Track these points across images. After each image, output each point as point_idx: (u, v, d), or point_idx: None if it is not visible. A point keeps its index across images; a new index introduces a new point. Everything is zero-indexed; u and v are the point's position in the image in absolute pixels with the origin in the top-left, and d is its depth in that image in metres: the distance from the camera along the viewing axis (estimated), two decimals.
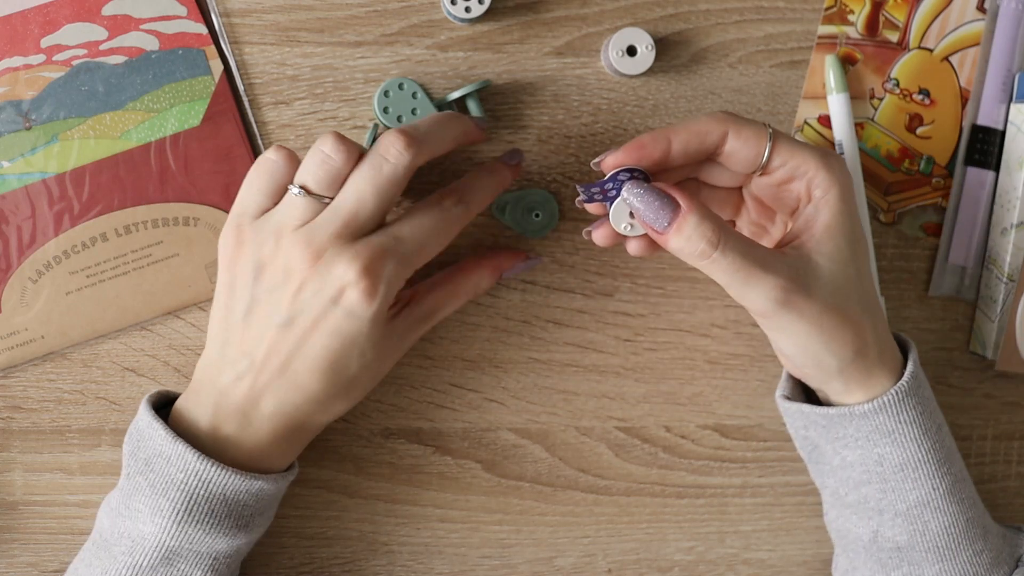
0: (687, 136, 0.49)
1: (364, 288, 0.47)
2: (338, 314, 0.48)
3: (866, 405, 0.52)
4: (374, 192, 0.48)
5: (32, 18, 0.54)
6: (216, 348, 0.50)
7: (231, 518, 0.49)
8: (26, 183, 0.54)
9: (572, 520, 0.61)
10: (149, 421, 0.49)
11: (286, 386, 0.49)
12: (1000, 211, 0.61)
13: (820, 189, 0.50)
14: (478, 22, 0.57)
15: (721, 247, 0.47)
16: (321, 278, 0.48)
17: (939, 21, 0.61)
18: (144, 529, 0.49)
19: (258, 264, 0.49)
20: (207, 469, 0.48)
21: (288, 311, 0.48)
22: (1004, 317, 0.61)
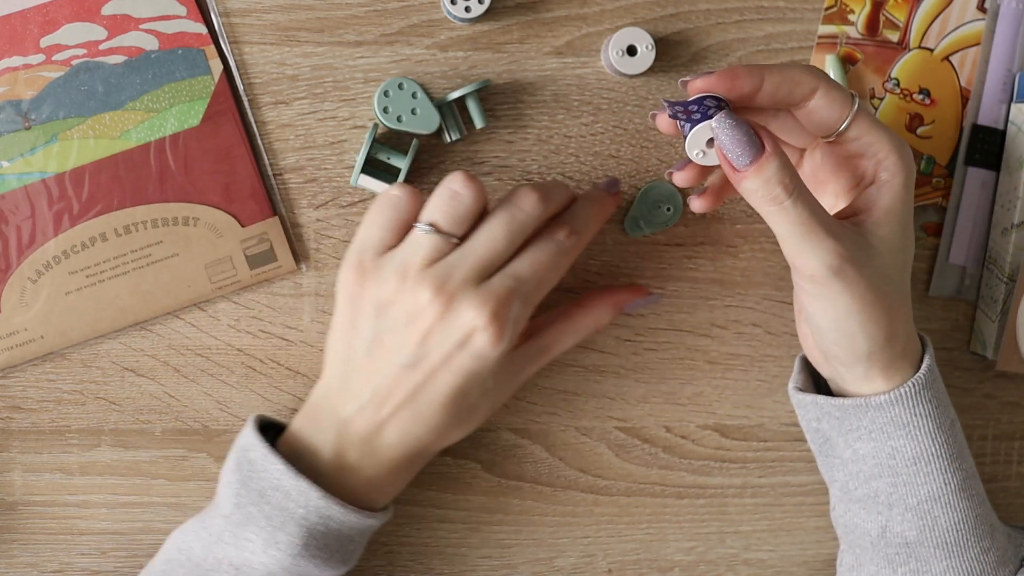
0: (780, 79, 0.48)
1: (492, 332, 0.48)
2: (464, 356, 0.49)
3: (883, 396, 0.52)
4: (507, 238, 0.50)
5: (32, 18, 0.54)
6: (337, 379, 0.51)
7: (340, 552, 0.50)
8: (25, 183, 0.54)
9: (572, 520, 0.61)
10: (264, 452, 0.49)
11: (410, 419, 0.50)
12: (1000, 211, 0.61)
13: (888, 172, 0.50)
14: (478, 22, 0.57)
15: (794, 197, 0.47)
16: (449, 324, 0.48)
17: (939, 21, 0.61)
18: (254, 559, 0.49)
19: (381, 301, 0.49)
20: (329, 507, 0.49)
21: (414, 353, 0.49)
22: (1004, 317, 0.61)
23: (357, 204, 0.57)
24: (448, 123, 0.57)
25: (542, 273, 0.50)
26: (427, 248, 0.49)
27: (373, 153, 0.56)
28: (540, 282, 0.50)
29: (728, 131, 0.47)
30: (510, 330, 0.49)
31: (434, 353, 0.49)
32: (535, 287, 0.50)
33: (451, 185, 0.50)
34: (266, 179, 0.57)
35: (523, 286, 0.49)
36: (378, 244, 0.50)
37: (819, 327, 0.52)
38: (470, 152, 0.58)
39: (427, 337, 0.49)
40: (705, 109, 0.48)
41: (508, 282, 0.49)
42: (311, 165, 0.57)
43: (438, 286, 0.48)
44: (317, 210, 0.57)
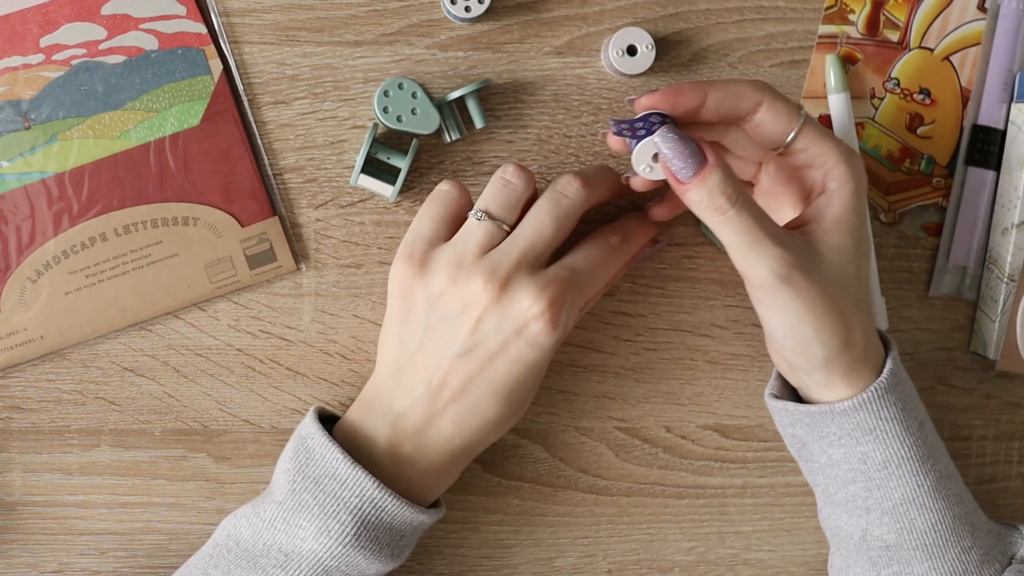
0: (724, 94, 0.49)
1: (549, 319, 0.49)
2: (521, 344, 0.49)
3: (846, 402, 0.52)
4: (553, 223, 0.50)
5: (31, 17, 0.54)
6: (390, 373, 0.51)
7: (390, 546, 0.50)
8: (25, 183, 0.54)
9: (572, 520, 0.61)
10: (323, 441, 0.50)
11: (465, 411, 0.50)
12: (1001, 211, 0.61)
13: (836, 182, 0.51)
14: (478, 22, 0.57)
15: (738, 206, 0.48)
16: (504, 310, 0.49)
17: (940, 21, 0.61)
18: (304, 547, 0.49)
19: (434, 292, 0.50)
20: (384, 497, 0.49)
21: (467, 342, 0.49)
22: (1005, 317, 0.61)
23: (357, 204, 0.57)
24: (448, 123, 0.57)
25: (596, 269, 0.52)
26: (480, 236, 0.50)
27: (373, 153, 0.56)
28: (593, 277, 0.51)
29: (670, 145, 0.48)
30: (564, 319, 0.49)
31: (489, 341, 0.49)
32: (589, 281, 0.51)
33: (502, 174, 0.52)
34: (266, 179, 0.57)
35: (578, 278, 0.50)
36: (430, 235, 0.51)
37: (774, 335, 0.52)
38: (470, 152, 0.58)
39: (480, 324, 0.49)
40: (649, 125, 0.49)
41: (564, 272, 0.50)
42: (311, 165, 0.57)
43: (490, 273, 0.49)
44: (317, 210, 0.57)
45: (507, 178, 0.51)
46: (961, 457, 0.63)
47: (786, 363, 0.54)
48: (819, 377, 0.53)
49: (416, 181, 0.58)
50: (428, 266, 0.50)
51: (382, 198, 0.57)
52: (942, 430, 0.63)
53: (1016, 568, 0.54)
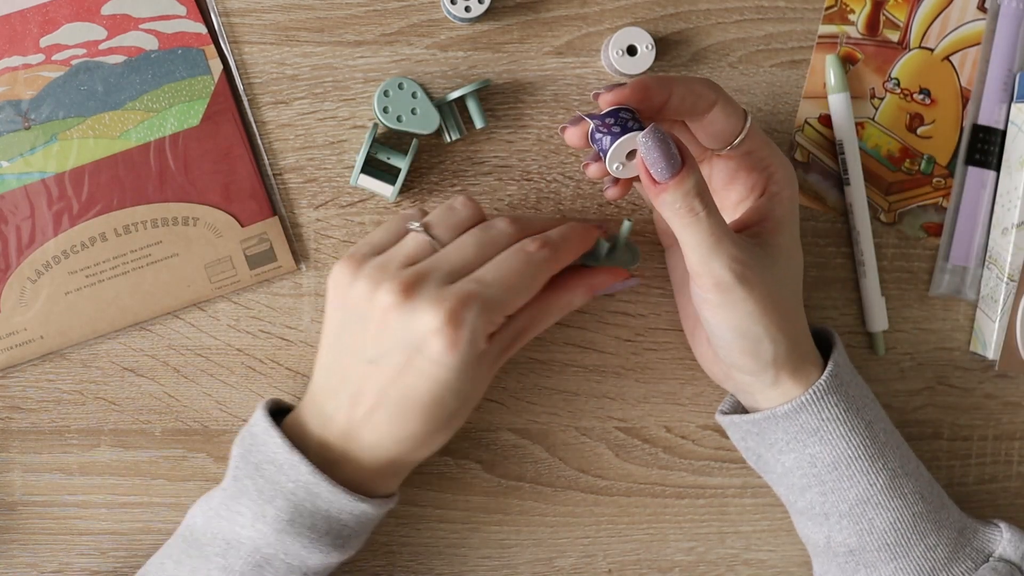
0: (685, 91, 0.49)
1: (447, 337, 0.47)
2: (424, 361, 0.47)
3: (787, 405, 0.52)
4: (476, 247, 0.50)
5: (31, 18, 0.54)
6: (322, 375, 0.51)
7: (330, 535, 0.50)
8: (25, 183, 0.54)
9: (572, 520, 0.61)
10: (266, 427, 0.50)
11: (382, 424, 0.49)
12: (1001, 211, 0.61)
13: (777, 185, 0.53)
14: (478, 22, 0.57)
15: (708, 209, 0.48)
16: (405, 321, 0.47)
17: (940, 21, 0.61)
18: (242, 533, 0.49)
19: (357, 295, 0.49)
20: (319, 482, 0.48)
21: (375, 348, 0.48)
22: (1005, 317, 0.61)
23: (357, 204, 0.57)
24: (448, 123, 0.57)
25: (508, 280, 0.49)
26: (410, 246, 0.50)
27: (373, 153, 0.56)
28: (506, 289, 0.48)
29: (655, 145, 0.47)
30: (467, 336, 0.47)
31: (395, 352, 0.48)
32: (499, 293, 0.48)
33: (452, 200, 0.52)
34: (266, 179, 0.57)
35: (485, 290, 0.48)
36: (377, 244, 0.51)
37: (723, 337, 0.52)
38: (470, 152, 0.58)
39: (385, 332, 0.48)
40: (623, 122, 0.48)
41: (469, 285, 0.48)
42: (311, 165, 0.57)
43: (398, 280, 0.48)
44: (317, 210, 0.57)
45: (455, 205, 0.52)
46: (961, 457, 0.63)
47: (726, 369, 0.55)
48: (767, 377, 0.53)
49: (416, 181, 0.58)
50: (360, 270, 0.49)
51: (382, 198, 0.57)
52: (941, 430, 0.63)
53: (992, 565, 0.54)
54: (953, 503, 0.57)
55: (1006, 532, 0.56)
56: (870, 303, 0.61)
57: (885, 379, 0.62)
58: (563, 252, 0.51)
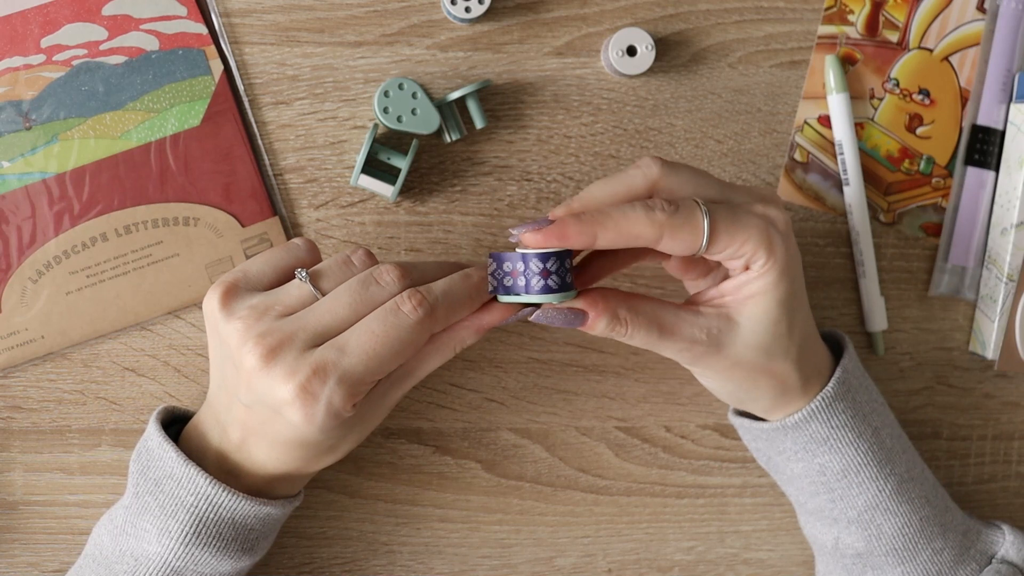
0: (616, 235, 0.45)
1: (301, 411, 0.44)
2: (284, 424, 0.46)
3: (795, 416, 0.52)
4: (350, 306, 0.46)
5: (32, 18, 0.54)
6: (214, 390, 0.50)
7: (237, 541, 0.49)
8: (26, 183, 0.54)
9: (572, 520, 0.61)
10: (160, 442, 0.49)
11: (266, 449, 0.48)
12: (1000, 211, 0.61)
13: (757, 266, 0.48)
14: (478, 22, 0.57)
15: (631, 329, 0.47)
16: (264, 386, 0.45)
17: (939, 21, 0.61)
18: (150, 549, 0.49)
19: (227, 335, 0.46)
20: (218, 493, 0.48)
21: (246, 395, 0.47)
22: (1004, 317, 0.61)
23: (357, 204, 0.58)
24: (448, 123, 0.57)
25: (372, 346, 0.45)
26: (293, 296, 0.47)
27: (373, 153, 0.56)
28: (369, 356, 0.45)
29: (549, 320, 0.47)
30: (322, 409, 0.44)
31: (260, 406, 0.46)
32: (361, 361, 0.45)
33: (351, 253, 0.48)
34: (266, 179, 0.57)
35: (345, 359, 0.44)
36: (254, 276, 0.48)
37: (708, 388, 0.54)
38: (470, 152, 0.58)
39: (251, 387, 0.46)
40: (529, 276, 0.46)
41: (328, 354, 0.45)
42: (311, 165, 0.57)
43: (265, 345, 0.45)
44: (317, 210, 0.57)
45: (351, 257, 0.48)
46: (960, 457, 0.63)
47: None
48: (761, 412, 0.54)
49: (416, 181, 0.58)
50: (232, 305, 0.46)
51: (382, 198, 0.57)
52: (941, 430, 0.63)
53: (994, 568, 0.54)
54: (955, 505, 0.57)
55: (1008, 534, 0.56)
56: (869, 303, 0.61)
57: (884, 379, 0.62)
58: (444, 311, 0.47)
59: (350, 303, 0.46)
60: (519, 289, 0.47)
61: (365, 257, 0.48)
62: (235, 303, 0.46)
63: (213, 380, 0.50)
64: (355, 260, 0.48)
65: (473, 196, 0.58)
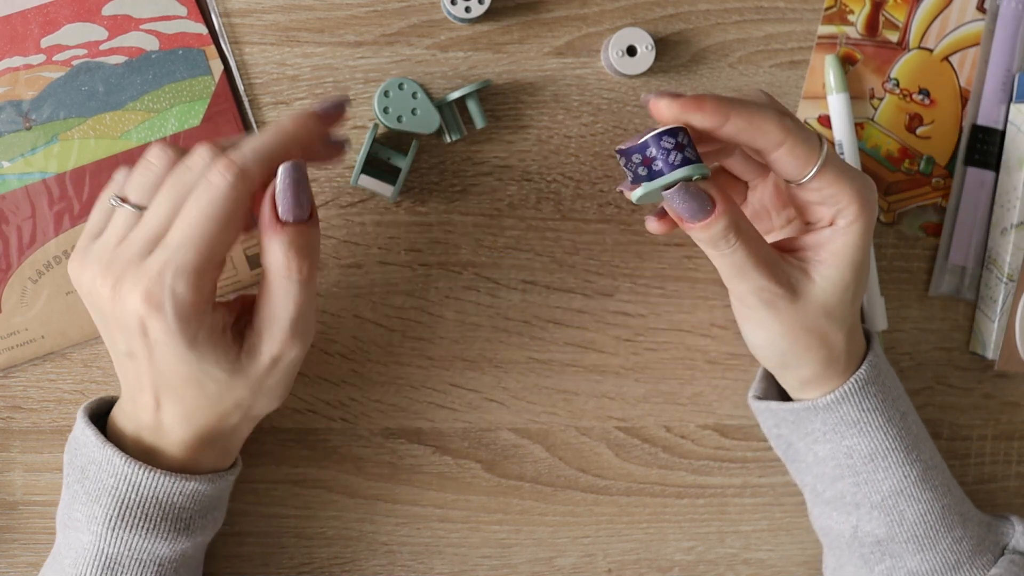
0: (745, 126, 0.46)
1: (155, 318, 0.44)
2: (154, 345, 0.45)
3: (828, 396, 0.53)
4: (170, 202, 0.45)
5: (32, 18, 0.54)
6: (118, 371, 0.49)
7: (167, 521, 0.48)
8: (26, 183, 0.54)
9: (572, 520, 0.61)
10: (82, 428, 0.49)
11: (172, 405, 0.47)
12: (1000, 211, 0.61)
13: (845, 220, 0.49)
14: (478, 22, 0.57)
15: (734, 247, 0.47)
16: (121, 312, 0.45)
17: (939, 21, 0.61)
18: (83, 538, 0.48)
19: (87, 291, 0.46)
20: (135, 472, 0.47)
21: (122, 344, 0.46)
22: (1004, 317, 0.61)
23: (357, 204, 0.58)
24: (448, 123, 0.57)
25: (196, 231, 0.44)
26: (116, 225, 0.46)
27: (373, 153, 0.56)
28: (196, 242, 0.44)
29: (681, 201, 0.46)
30: (171, 310, 0.44)
31: (133, 342, 0.45)
32: (190, 250, 0.44)
33: (146, 155, 0.47)
34: None
35: (175, 255, 0.44)
36: (91, 232, 0.47)
37: (754, 345, 0.53)
38: (470, 152, 0.58)
39: (117, 326, 0.45)
40: (664, 154, 0.46)
41: (158, 255, 0.44)
42: (311, 165, 0.57)
43: (106, 272, 0.45)
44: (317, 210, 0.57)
45: (148, 159, 0.46)
46: (960, 457, 0.63)
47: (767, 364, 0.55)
48: (796, 385, 0.54)
49: (416, 181, 0.58)
50: (86, 259, 0.46)
51: (382, 198, 0.57)
52: (941, 430, 0.63)
53: (1009, 558, 0.55)
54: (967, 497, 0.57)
55: (1018, 525, 0.56)
56: (869, 303, 0.61)
57: None
58: (256, 164, 0.45)
59: (169, 200, 0.45)
60: (661, 170, 0.46)
61: (159, 149, 0.46)
62: (86, 258, 0.46)
63: (114, 363, 0.49)
64: (152, 159, 0.46)
65: (473, 196, 0.58)
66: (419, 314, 0.58)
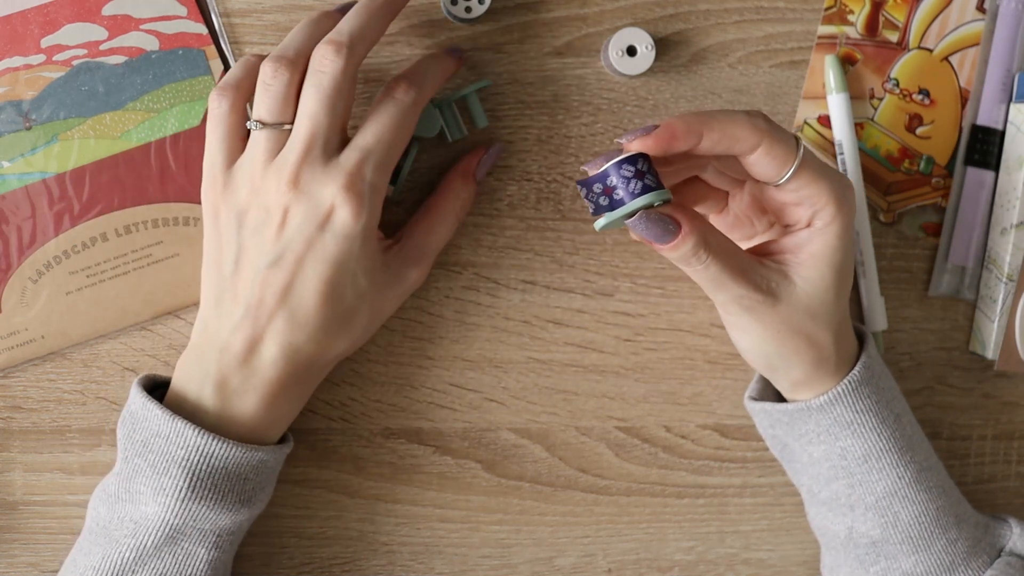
0: (720, 136, 0.47)
1: (350, 204, 0.48)
2: (327, 239, 0.48)
3: (822, 398, 0.53)
4: (322, 106, 0.49)
5: (32, 18, 0.54)
6: (211, 305, 0.50)
7: (234, 492, 0.50)
8: (26, 183, 0.54)
9: (572, 520, 0.61)
10: (142, 402, 0.49)
11: (284, 325, 0.49)
12: (1000, 211, 0.61)
13: (822, 221, 0.49)
14: (478, 22, 0.57)
15: (706, 263, 0.48)
16: (304, 205, 0.48)
17: (939, 21, 0.61)
18: (147, 510, 0.49)
19: (239, 210, 0.49)
20: (208, 443, 0.48)
21: (274, 249, 0.48)
22: (1004, 317, 0.61)
23: None
24: (449, 123, 0.57)
25: (387, 135, 0.50)
26: (263, 144, 0.49)
27: None
28: (388, 144, 0.50)
29: (644, 228, 0.47)
30: (368, 198, 0.49)
31: (295, 243, 0.48)
32: (384, 150, 0.50)
33: (261, 77, 0.50)
34: None
35: (371, 153, 0.49)
36: (223, 158, 0.50)
37: (743, 349, 0.54)
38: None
39: (284, 227, 0.48)
40: (625, 182, 0.46)
41: (355, 154, 0.49)
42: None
43: (278, 173, 0.48)
44: None
45: (266, 80, 0.49)
46: (960, 457, 0.63)
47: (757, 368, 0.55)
48: (788, 387, 0.54)
49: (416, 181, 0.58)
50: (229, 185, 0.50)
51: None
52: (941, 430, 0.63)
53: (1006, 560, 0.55)
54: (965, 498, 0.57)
55: (1015, 527, 0.56)
56: (869, 303, 0.61)
57: None
58: (427, 88, 0.52)
59: (322, 105, 0.49)
60: (622, 199, 0.46)
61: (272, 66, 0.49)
62: (230, 182, 0.50)
63: (208, 298, 0.50)
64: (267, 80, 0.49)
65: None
66: (419, 314, 0.58)
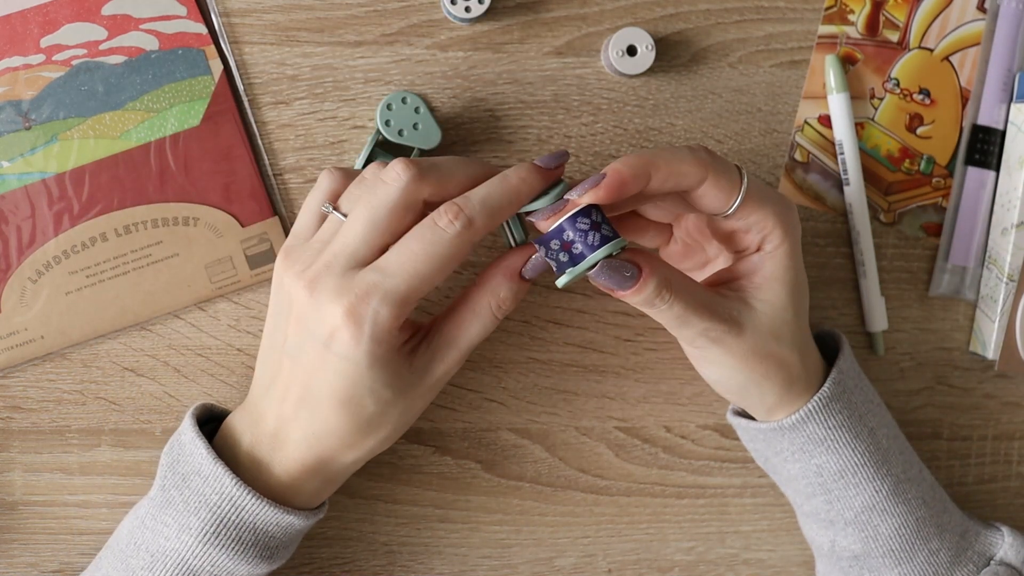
0: (667, 175, 0.47)
1: (350, 331, 0.45)
2: (333, 357, 0.46)
3: (793, 416, 0.53)
4: (366, 217, 0.46)
5: (32, 18, 0.54)
6: (259, 369, 0.51)
7: (256, 547, 0.49)
8: (26, 183, 0.54)
9: (572, 520, 0.61)
10: (192, 437, 0.49)
11: (307, 417, 0.48)
12: (1000, 211, 0.61)
13: (771, 244, 0.50)
14: (478, 22, 0.57)
15: (669, 303, 0.48)
16: (312, 315, 0.46)
17: (939, 21, 0.61)
18: (167, 545, 0.49)
19: (281, 288, 0.49)
20: (242, 495, 0.48)
21: (292, 343, 0.48)
22: (1004, 317, 0.61)
23: None
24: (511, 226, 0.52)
25: (413, 265, 0.46)
26: (324, 231, 0.48)
27: (374, 158, 0.56)
28: (410, 275, 0.46)
29: (606, 278, 0.47)
30: (369, 330, 0.45)
31: (307, 345, 0.47)
32: (403, 281, 0.46)
33: (365, 171, 0.48)
34: (266, 179, 0.57)
35: (387, 281, 0.45)
36: (303, 229, 0.50)
37: (714, 381, 0.54)
38: (471, 153, 0.58)
39: (298, 324, 0.47)
40: (583, 236, 0.46)
41: (370, 276, 0.46)
42: (311, 165, 0.57)
43: (307, 275, 0.47)
44: None
45: (366, 175, 0.48)
46: (961, 457, 0.63)
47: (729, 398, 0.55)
48: (764, 412, 0.54)
49: None
50: (292, 259, 0.48)
51: None
52: (941, 430, 0.63)
53: (992, 570, 0.54)
54: (955, 505, 0.57)
55: (1007, 536, 0.56)
56: (870, 303, 0.61)
57: (885, 379, 0.62)
58: (482, 220, 0.47)
59: (366, 216, 0.46)
60: (583, 253, 0.46)
61: (378, 167, 0.48)
62: (292, 256, 0.48)
63: (259, 362, 0.51)
64: (367, 175, 0.48)
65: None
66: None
